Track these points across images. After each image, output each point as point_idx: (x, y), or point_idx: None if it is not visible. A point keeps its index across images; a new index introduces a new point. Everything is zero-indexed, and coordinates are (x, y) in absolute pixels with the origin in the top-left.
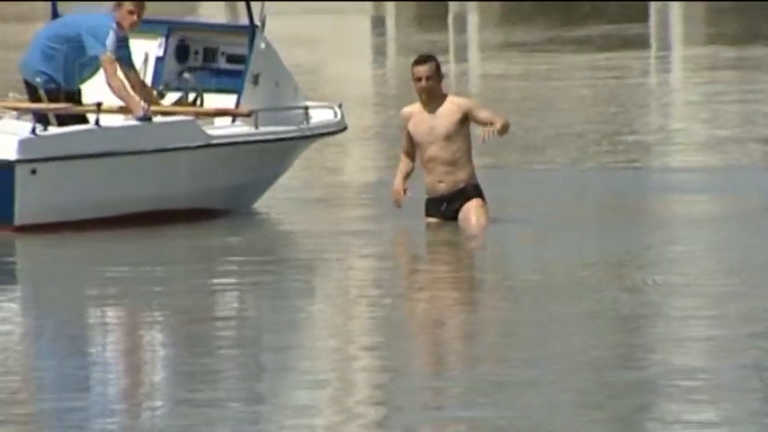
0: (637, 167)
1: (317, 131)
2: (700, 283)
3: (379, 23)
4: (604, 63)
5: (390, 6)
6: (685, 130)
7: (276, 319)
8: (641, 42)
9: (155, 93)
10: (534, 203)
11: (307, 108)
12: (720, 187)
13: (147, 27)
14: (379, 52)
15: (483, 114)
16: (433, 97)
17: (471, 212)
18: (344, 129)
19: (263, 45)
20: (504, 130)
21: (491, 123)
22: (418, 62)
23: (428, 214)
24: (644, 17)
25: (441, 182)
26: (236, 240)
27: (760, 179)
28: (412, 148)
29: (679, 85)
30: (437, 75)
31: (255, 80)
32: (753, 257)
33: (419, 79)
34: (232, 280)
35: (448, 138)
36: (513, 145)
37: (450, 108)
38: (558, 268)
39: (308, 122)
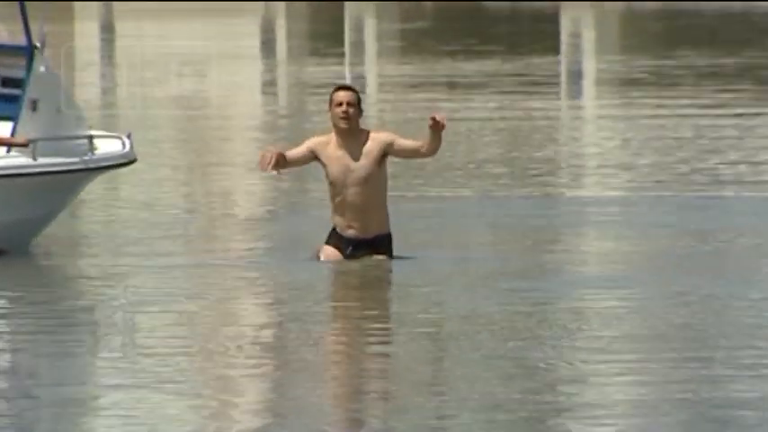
0: (548, 197)
1: (102, 164)
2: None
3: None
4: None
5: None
6: (598, 158)
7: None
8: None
9: None
10: (442, 236)
11: (91, 137)
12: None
13: None
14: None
15: (407, 143)
16: (352, 128)
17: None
18: (133, 161)
19: (42, 68)
20: (439, 138)
21: (419, 149)
22: (341, 88)
23: (329, 243)
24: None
25: (350, 227)
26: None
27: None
28: (298, 162)
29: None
30: (358, 105)
31: (34, 106)
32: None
33: (340, 104)
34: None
35: (366, 182)
36: (419, 174)
37: (371, 147)
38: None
39: (92, 153)
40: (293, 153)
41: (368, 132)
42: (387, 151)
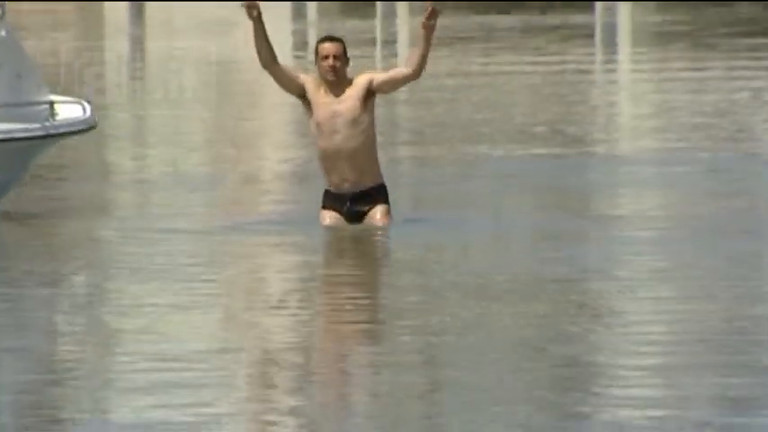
0: (579, 157)
1: (62, 130)
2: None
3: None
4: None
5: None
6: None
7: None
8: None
9: None
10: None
11: (52, 103)
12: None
13: None
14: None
15: (386, 74)
16: (339, 79)
17: (377, 221)
18: (94, 127)
19: (3, 32)
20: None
21: (399, 75)
22: (325, 39)
23: (326, 207)
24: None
25: (345, 180)
26: None
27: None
28: (283, 74)
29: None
30: (344, 56)
31: None
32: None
33: (326, 57)
34: None
35: (353, 124)
36: (449, 135)
37: (354, 91)
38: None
39: (53, 119)
40: (288, 66)
41: (352, 79)
42: (370, 89)
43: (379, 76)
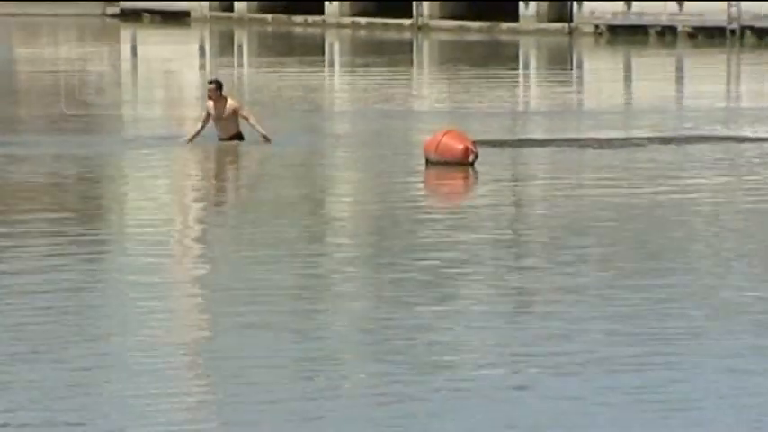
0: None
1: None
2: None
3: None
4: None
5: None
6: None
7: None
8: None
9: None
10: None
11: None
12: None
13: None
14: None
15: (245, 114)
16: (217, 99)
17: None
18: None
19: None
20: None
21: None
22: (211, 82)
23: (219, 141)
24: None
25: (226, 135)
26: None
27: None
28: (207, 119)
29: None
30: (220, 89)
31: None
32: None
33: (210, 90)
34: None
35: (229, 119)
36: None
37: (229, 105)
38: None
39: None
40: (204, 116)
41: (226, 99)
42: (235, 111)
43: (242, 111)
